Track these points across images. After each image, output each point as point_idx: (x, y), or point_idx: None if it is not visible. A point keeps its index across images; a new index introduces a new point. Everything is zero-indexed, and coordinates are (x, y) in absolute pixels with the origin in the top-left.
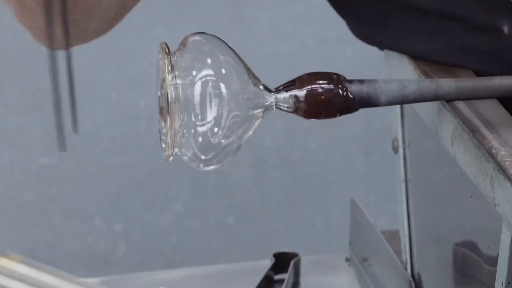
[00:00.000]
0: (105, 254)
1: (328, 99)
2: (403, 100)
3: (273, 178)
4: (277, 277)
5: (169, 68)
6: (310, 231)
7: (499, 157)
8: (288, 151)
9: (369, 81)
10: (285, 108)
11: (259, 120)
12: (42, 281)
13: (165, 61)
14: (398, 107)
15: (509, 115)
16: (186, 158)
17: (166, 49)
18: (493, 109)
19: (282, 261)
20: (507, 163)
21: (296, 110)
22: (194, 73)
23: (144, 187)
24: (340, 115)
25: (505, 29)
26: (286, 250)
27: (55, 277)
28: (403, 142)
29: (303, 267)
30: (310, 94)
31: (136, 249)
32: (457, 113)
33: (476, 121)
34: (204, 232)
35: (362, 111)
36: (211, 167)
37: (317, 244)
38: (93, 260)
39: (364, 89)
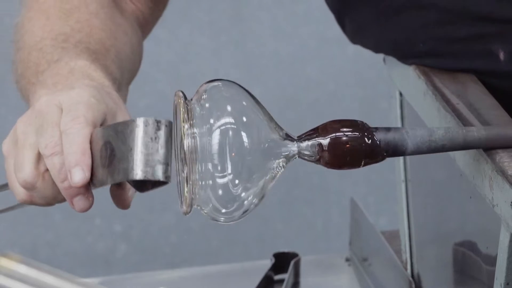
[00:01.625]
0: (105, 254)
1: (353, 149)
2: (429, 151)
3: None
4: (277, 277)
5: (186, 116)
6: (310, 231)
7: (497, 158)
8: None
9: (395, 129)
10: (307, 158)
11: (281, 170)
12: (42, 281)
13: (181, 109)
14: (398, 107)
15: (508, 116)
16: (206, 212)
17: (183, 97)
18: (492, 109)
19: (282, 261)
20: (506, 164)
21: (319, 159)
22: (212, 121)
23: None
24: (364, 165)
25: (501, 55)
26: (286, 250)
27: (55, 277)
28: None
29: (303, 267)
30: (334, 143)
31: (136, 249)
32: (456, 114)
33: (475, 122)
34: (204, 232)
35: (362, 111)
36: (234, 222)
37: (317, 244)
38: (93, 260)
39: (390, 138)
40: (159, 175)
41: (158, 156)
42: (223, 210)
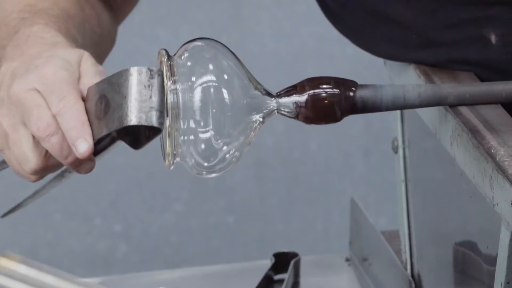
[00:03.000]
0: (105, 254)
1: (329, 105)
2: (404, 106)
3: (273, 178)
4: (277, 277)
5: (169, 73)
6: (310, 231)
7: (498, 157)
8: (288, 151)
9: (371, 86)
10: (286, 113)
11: (260, 125)
12: (42, 281)
13: (164, 66)
14: None
15: (508, 115)
16: (188, 166)
17: (166, 55)
18: (492, 109)
19: (282, 261)
20: (506, 163)
21: (297, 116)
22: (195, 78)
23: (144, 187)
24: (340, 119)
25: (493, 38)
26: (286, 250)
27: (55, 277)
28: (403, 142)
29: (303, 267)
30: (311, 99)
31: (136, 249)
32: (456, 113)
33: (475, 121)
34: (204, 232)
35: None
36: (214, 175)
37: (317, 244)
38: (93, 260)
39: (366, 94)
40: (153, 120)
41: (152, 103)
42: (205, 164)
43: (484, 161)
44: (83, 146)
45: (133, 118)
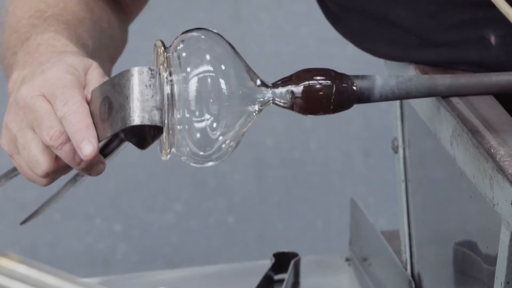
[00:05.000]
0: (105, 254)
1: (324, 95)
2: (399, 96)
3: (273, 178)
4: (277, 277)
5: (165, 64)
6: (310, 231)
7: (498, 157)
8: (288, 151)
9: (365, 76)
10: (281, 104)
11: (256, 116)
12: (42, 281)
13: (161, 57)
14: (398, 107)
15: (508, 114)
16: (184, 156)
17: (162, 45)
18: (492, 109)
19: (282, 261)
20: (506, 163)
21: (292, 106)
22: (190, 69)
23: (144, 187)
24: (335, 111)
25: (492, 39)
26: (286, 250)
27: (55, 277)
28: (403, 142)
29: (303, 267)
30: (307, 90)
31: (136, 249)
32: (456, 113)
33: (475, 121)
34: (204, 232)
35: (362, 111)
36: (210, 164)
37: (317, 244)
38: (93, 260)
39: (360, 84)
40: (156, 119)
41: (154, 102)
42: (201, 153)
43: (484, 161)
44: (87, 148)
45: (136, 118)
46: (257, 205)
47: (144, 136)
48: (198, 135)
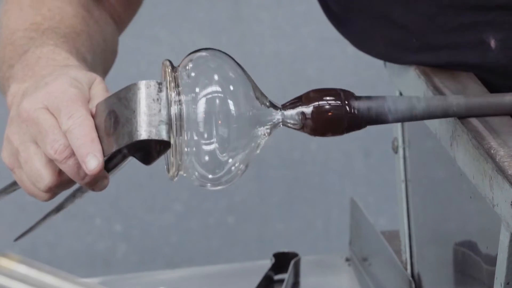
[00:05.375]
0: (105, 254)
1: (335, 117)
2: (411, 118)
3: (273, 178)
4: (277, 277)
5: (173, 84)
6: (310, 231)
7: (497, 158)
8: (288, 151)
9: (377, 98)
10: (291, 126)
11: (266, 138)
12: (42, 281)
13: (168, 77)
14: None
15: (508, 116)
16: (193, 178)
17: (170, 65)
18: None
19: (282, 261)
20: (506, 163)
21: (303, 127)
22: (199, 89)
23: (144, 187)
24: (347, 132)
25: (492, 43)
26: (286, 250)
27: (55, 277)
28: (403, 142)
29: (303, 267)
30: (317, 111)
31: (136, 249)
32: None
33: (475, 121)
34: (204, 232)
35: None
36: (219, 187)
37: (317, 244)
38: (93, 260)
39: (372, 106)
40: (163, 134)
41: (161, 117)
42: (210, 176)
43: (484, 161)
44: (92, 162)
45: (143, 132)
46: (257, 205)
47: (149, 151)
48: (206, 157)
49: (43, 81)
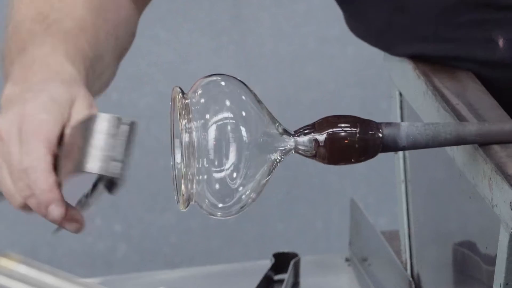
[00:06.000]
0: (105, 254)
1: (349, 144)
2: (426, 145)
3: (273, 178)
4: (277, 277)
5: (183, 111)
6: (310, 231)
7: (497, 159)
8: None
9: (390, 123)
10: (303, 153)
11: (277, 165)
12: (42, 281)
13: (178, 104)
14: (397, 108)
15: (508, 116)
16: (203, 207)
17: (180, 92)
18: (492, 110)
19: (282, 261)
20: (505, 164)
21: (315, 155)
22: (210, 116)
23: (144, 187)
24: (360, 161)
25: (501, 42)
26: (286, 250)
27: (55, 277)
28: None
29: (303, 267)
30: (331, 138)
31: (136, 249)
32: (456, 114)
33: (475, 122)
34: (204, 232)
35: (362, 112)
36: (232, 216)
37: (317, 244)
38: (93, 260)
39: (389, 133)
40: (114, 171)
41: (116, 153)
42: (220, 205)
43: (483, 162)
44: (56, 212)
45: (95, 167)
46: (257, 205)
47: (112, 181)
48: (217, 185)
49: (24, 97)
